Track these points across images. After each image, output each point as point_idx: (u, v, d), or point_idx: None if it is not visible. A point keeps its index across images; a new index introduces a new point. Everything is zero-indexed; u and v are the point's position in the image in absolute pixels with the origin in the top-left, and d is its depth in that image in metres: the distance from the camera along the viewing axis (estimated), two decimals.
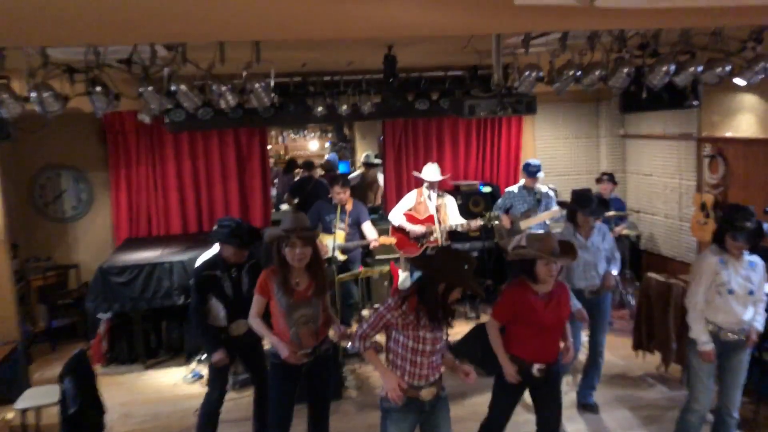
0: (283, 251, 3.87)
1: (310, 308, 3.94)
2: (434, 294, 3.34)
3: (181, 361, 6.73)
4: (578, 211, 5.05)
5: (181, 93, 4.33)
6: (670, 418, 5.03)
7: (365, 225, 6.74)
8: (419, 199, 6.97)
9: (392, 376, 3.44)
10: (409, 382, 3.44)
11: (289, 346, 3.87)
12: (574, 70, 4.39)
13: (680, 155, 7.79)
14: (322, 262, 4.07)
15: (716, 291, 4.16)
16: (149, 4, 2.50)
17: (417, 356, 3.41)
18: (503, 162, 8.71)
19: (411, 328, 3.38)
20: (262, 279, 3.97)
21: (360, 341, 3.53)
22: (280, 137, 14.56)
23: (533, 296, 3.86)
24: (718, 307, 4.18)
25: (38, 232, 7.77)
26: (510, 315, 3.93)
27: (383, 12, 2.78)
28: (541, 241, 3.81)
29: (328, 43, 4.56)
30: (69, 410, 4.35)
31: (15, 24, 2.64)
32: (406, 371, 3.44)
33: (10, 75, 3.97)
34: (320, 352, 4.03)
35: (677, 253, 7.97)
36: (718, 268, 4.16)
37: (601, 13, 3.01)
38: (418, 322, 3.37)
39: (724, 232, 4.16)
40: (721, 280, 4.15)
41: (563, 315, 3.96)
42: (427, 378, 3.47)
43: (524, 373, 3.91)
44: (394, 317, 3.39)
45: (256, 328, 4.03)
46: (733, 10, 3.20)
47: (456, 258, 3.39)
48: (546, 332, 3.89)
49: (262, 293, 3.97)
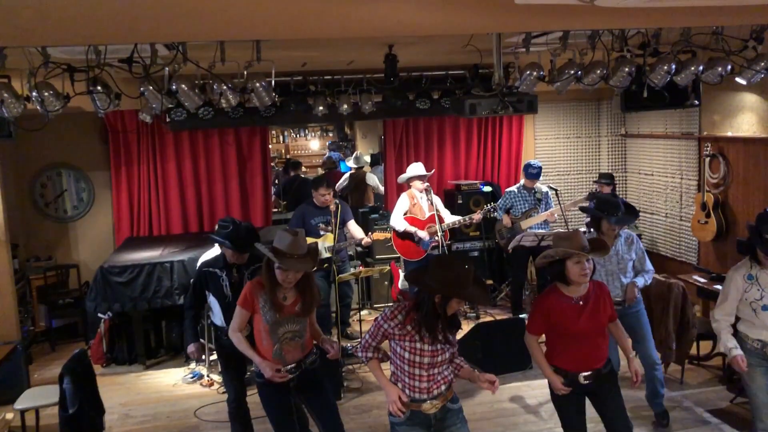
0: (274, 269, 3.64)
1: (297, 324, 3.74)
2: (431, 307, 3.15)
3: (181, 361, 6.72)
4: (603, 219, 4.61)
5: (182, 92, 4.32)
6: (670, 419, 5.03)
7: (351, 224, 6.78)
8: (413, 202, 6.93)
9: (393, 389, 3.30)
10: (410, 395, 3.29)
11: (272, 365, 3.66)
12: (574, 69, 4.38)
13: (681, 154, 7.79)
14: (312, 278, 3.83)
15: (751, 308, 3.94)
16: (149, 3, 2.49)
17: (415, 368, 3.25)
18: (504, 161, 8.71)
19: (408, 339, 3.22)
20: (247, 291, 3.74)
21: (362, 351, 3.40)
22: (281, 136, 14.55)
23: (566, 302, 3.62)
24: (757, 325, 3.96)
25: (39, 231, 7.77)
26: (545, 325, 3.69)
27: (384, 12, 2.77)
28: (568, 239, 3.60)
29: (328, 42, 4.55)
30: (69, 410, 4.35)
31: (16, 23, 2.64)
32: (406, 384, 3.29)
33: (11, 74, 3.97)
34: (306, 365, 3.82)
35: (677, 253, 7.96)
36: (746, 285, 3.93)
37: (602, 13, 3.00)
38: (416, 334, 3.21)
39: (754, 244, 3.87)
40: (752, 296, 3.92)
41: (603, 317, 3.69)
42: (429, 391, 3.29)
43: (572, 383, 3.66)
44: (390, 327, 3.25)
45: (236, 343, 3.79)
46: (733, 10, 3.20)
47: (451, 266, 3.17)
48: (586, 338, 3.63)
49: (245, 306, 3.73)
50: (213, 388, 6.05)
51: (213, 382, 6.12)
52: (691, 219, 7.47)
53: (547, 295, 3.72)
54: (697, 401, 5.43)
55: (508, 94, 4.85)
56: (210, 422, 5.42)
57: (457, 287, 3.12)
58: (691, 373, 5.92)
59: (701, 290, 6.11)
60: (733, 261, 6.66)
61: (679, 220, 7.90)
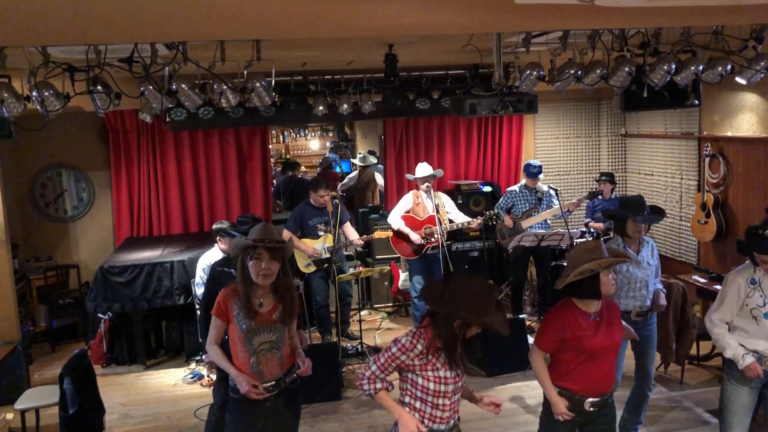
0: (247, 265, 3.43)
1: (273, 333, 3.46)
2: (450, 331, 2.90)
3: (180, 361, 6.73)
4: (630, 219, 4.34)
5: (182, 92, 4.32)
6: (670, 419, 5.04)
7: (346, 225, 6.82)
8: (416, 201, 6.93)
9: (410, 420, 3.02)
10: (429, 426, 3.04)
11: (249, 379, 3.40)
12: (574, 69, 4.38)
13: (681, 154, 7.79)
14: (291, 284, 3.58)
15: (751, 316, 3.70)
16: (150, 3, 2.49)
17: (439, 398, 3.01)
18: (504, 161, 8.71)
19: (431, 368, 2.97)
20: (221, 299, 3.49)
21: (369, 384, 3.10)
22: (281, 136, 14.56)
23: (583, 318, 3.36)
24: (756, 335, 3.71)
25: (39, 231, 7.77)
26: (558, 342, 3.40)
27: (384, 11, 2.77)
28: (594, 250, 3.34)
29: (328, 42, 4.55)
30: (69, 410, 4.35)
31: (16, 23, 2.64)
32: (426, 414, 3.03)
33: (11, 74, 3.96)
34: (285, 384, 3.52)
35: (677, 253, 7.96)
36: (748, 290, 3.70)
37: (602, 13, 3.00)
38: (436, 362, 2.97)
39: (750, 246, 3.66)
40: (754, 303, 3.68)
41: (617, 336, 3.46)
42: (448, 421, 3.07)
43: (575, 409, 3.38)
44: (410, 358, 2.97)
45: (212, 356, 3.56)
46: (733, 10, 3.20)
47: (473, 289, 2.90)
48: (598, 359, 3.37)
49: (219, 315, 3.48)
50: (213, 388, 6.04)
51: (213, 382, 6.11)
52: (691, 219, 7.48)
53: (561, 309, 3.44)
54: (697, 401, 5.43)
55: (508, 93, 4.85)
56: None
57: (481, 314, 2.86)
58: (691, 373, 5.92)
59: (701, 290, 6.11)
60: (733, 261, 6.70)
61: (679, 220, 7.90)
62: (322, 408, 5.50)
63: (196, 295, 6.19)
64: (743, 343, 3.75)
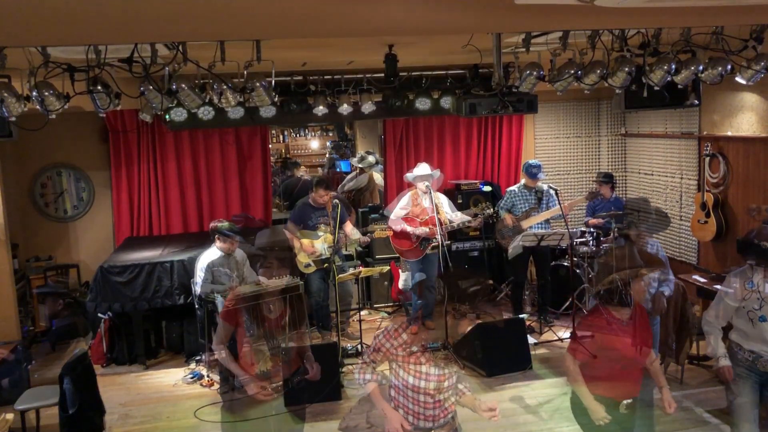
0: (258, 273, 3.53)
1: (281, 338, 3.55)
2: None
3: (180, 361, 6.72)
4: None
5: (182, 92, 4.31)
6: (670, 419, 5.03)
7: (347, 224, 6.82)
8: (415, 202, 6.91)
9: (395, 416, 3.06)
10: (414, 423, 3.05)
11: (257, 382, 3.49)
12: (574, 69, 4.38)
13: (681, 154, 7.79)
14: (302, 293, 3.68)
15: (747, 318, 3.75)
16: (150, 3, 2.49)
17: (419, 394, 3.01)
18: (504, 161, 8.71)
19: (413, 362, 3.00)
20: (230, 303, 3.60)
21: (360, 373, 3.17)
22: (281, 136, 14.56)
23: (617, 324, 3.43)
24: (753, 336, 3.77)
25: (39, 231, 7.77)
26: (594, 349, 3.45)
27: (384, 12, 2.77)
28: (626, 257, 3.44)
29: (328, 42, 4.55)
30: (69, 411, 4.35)
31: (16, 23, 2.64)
32: (410, 411, 3.05)
33: (11, 74, 3.96)
34: (292, 384, 3.61)
35: (677, 252, 7.96)
36: (746, 293, 3.74)
37: (602, 13, 3.00)
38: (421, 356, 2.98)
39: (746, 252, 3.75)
40: (751, 306, 3.72)
41: (648, 338, 3.52)
42: (435, 419, 3.06)
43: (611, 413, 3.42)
44: (393, 347, 3.02)
45: (220, 359, 3.65)
46: (733, 10, 3.20)
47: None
48: (632, 362, 3.44)
49: (228, 320, 3.57)
50: (213, 388, 6.05)
51: (213, 382, 6.12)
52: (690, 219, 7.47)
53: (595, 316, 3.49)
54: (697, 401, 5.43)
55: (508, 93, 4.85)
56: (210, 422, 5.41)
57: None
58: (691, 373, 5.92)
59: (701, 290, 6.11)
60: (732, 261, 6.69)
61: (679, 219, 7.90)
62: (322, 408, 5.49)
63: (195, 295, 6.19)
64: (742, 344, 3.82)
